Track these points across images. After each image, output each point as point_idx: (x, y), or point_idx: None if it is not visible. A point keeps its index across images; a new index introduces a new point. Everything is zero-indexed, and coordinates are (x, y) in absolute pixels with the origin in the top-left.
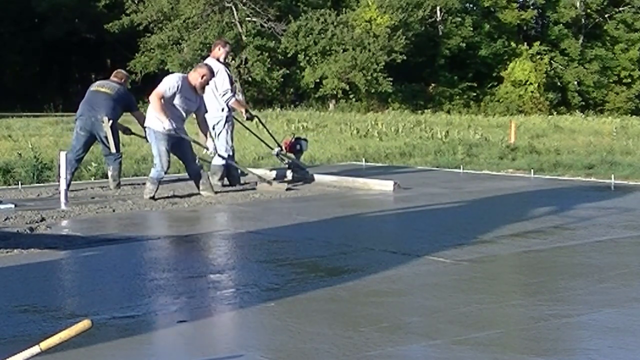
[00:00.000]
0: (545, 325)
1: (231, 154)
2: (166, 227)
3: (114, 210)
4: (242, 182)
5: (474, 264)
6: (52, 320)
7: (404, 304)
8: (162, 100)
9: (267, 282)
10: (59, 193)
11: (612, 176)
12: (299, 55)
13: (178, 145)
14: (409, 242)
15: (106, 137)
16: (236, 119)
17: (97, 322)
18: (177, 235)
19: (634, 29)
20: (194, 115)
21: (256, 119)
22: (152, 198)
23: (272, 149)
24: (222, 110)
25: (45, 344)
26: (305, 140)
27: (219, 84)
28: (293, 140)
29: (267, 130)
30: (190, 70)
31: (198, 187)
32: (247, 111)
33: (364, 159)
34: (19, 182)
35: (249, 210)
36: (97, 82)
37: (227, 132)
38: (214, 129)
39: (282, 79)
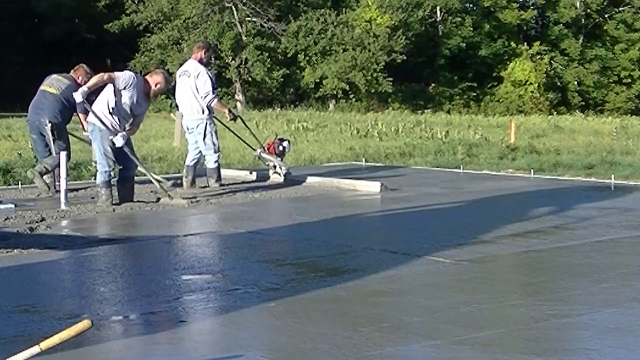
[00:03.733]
0: (545, 325)
1: (199, 158)
2: (166, 227)
3: (114, 210)
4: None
5: (474, 264)
6: (52, 320)
7: (404, 304)
8: (107, 83)
9: (267, 282)
10: (59, 192)
11: (612, 176)
12: (299, 55)
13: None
14: (409, 242)
15: (50, 141)
16: (219, 120)
17: (97, 322)
18: (176, 235)
19: (634, 29)
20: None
21: (239, 120)
22: (112, 204)
23: (254, 150)
24: (203, 112)
25: (45, 344)
26: (289, 141)
27: (200, 86)
28: (276, 141)
29: (250, 131)
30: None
31: (119, 192)
32: (230, 111)
33: (364, 159)
34: (19, 182)
35: (249, 210)
36: (49, 79)
37: (212, 134)
38: (191, 132)
39: (282, 79)
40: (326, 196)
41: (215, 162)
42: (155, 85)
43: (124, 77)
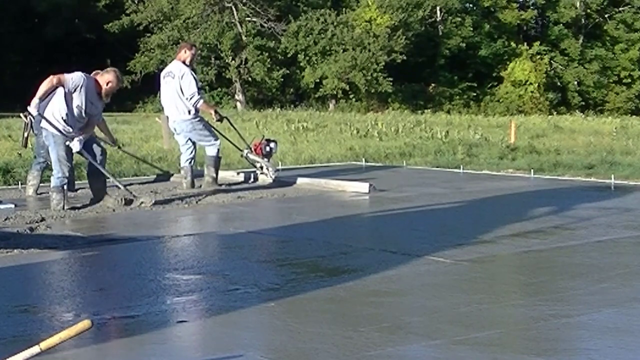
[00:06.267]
0: (545, 325)
1: (193, 156)
2: (166, 227)
3: (114, 210)
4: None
5: (474, 264)
6: (52, 320)
7: (404, 304)
8: (58, 88)
9: (267, 282)
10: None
11: (612, 176)
12: (299, 55)
13: (85, 146)
14: (409, 242)
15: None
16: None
17: (97, 322)
18: (176, 235)
19: (634, 29)
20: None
21: (226, 120)
22: (64, 209)
23: (241, 150)
24: (189, 112)
25: (45, 344)
26: (275, 142)
27: (185, 87)
28: (263, 142)
29: (237, 132)
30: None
31: (90, 186)
32: (216, 112)
33: (364, 159)
34: (19, 182)
35: (249, 210)
36: None
37: (204, 128)
38: (180, 133)
39: (282, 79)
40: (326, 196)
41: (217, 149)
42: (107, 84)
43: (72, 78)
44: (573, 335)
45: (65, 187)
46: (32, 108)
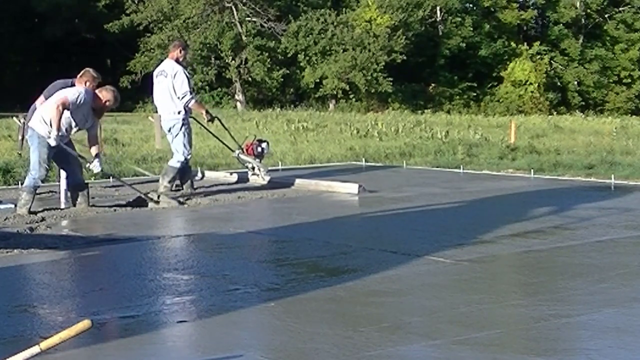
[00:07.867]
0: (545, 325)
1: (188, 158)
2: (166, 227)
3: (115, 210)
4: (195, 187)
5: (474, 264)
6: (52, 320)
7: (404, 304)
8: (63, 110)
9: (267, 282)
10: (59, 193)
11: (612, 176)
12: (299, 55)
13: (62, 153)
14: (409, 242)
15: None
16: (197, 121)
17: (97, 322)
18: (177, 235)
19: (634, 29)
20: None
21: (217, 120)
22: (30, 211)
23: (233, 151)
24: (179, 112)
25: (45, 344)
26: (267, 142)
27: (177, 86)
28: (255, 142)
29: (229, 132)
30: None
31: (74, 200)
32: (207, 112)
33: (364, 159)
34: (19, 182)
35: (249, 210)
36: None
37: (185, 136)
38: (169, 131)
39: (282, 79)
40: (323, 196)
41: (179, 162)
42: (105, 102)
43: (73, 99)
44: (573, 335)
45: (36, 189)
46: (53, 140)
